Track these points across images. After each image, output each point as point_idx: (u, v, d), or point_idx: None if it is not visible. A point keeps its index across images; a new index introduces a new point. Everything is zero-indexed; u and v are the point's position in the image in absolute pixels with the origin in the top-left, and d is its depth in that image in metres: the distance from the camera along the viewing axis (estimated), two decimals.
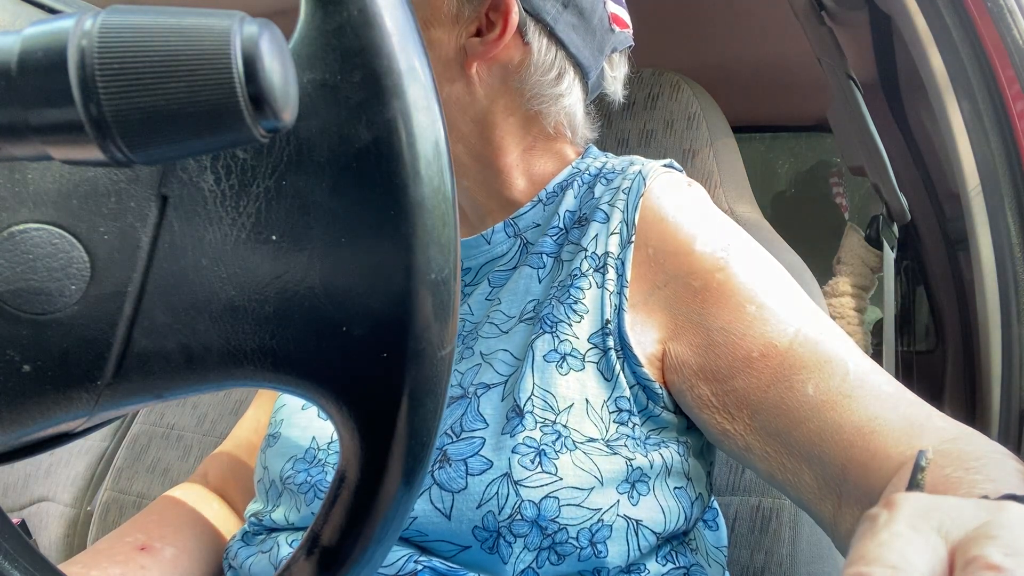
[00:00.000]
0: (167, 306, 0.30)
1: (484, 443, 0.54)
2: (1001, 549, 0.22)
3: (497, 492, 0.52)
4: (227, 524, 0.72)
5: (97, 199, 0.29)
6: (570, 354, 0.57)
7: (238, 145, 0.22)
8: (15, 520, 1.24)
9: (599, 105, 0.74)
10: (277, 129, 0.22)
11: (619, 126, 0.97)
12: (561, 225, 0.64)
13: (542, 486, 0.52)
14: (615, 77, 0.71)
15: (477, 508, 0.52)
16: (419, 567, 0.52)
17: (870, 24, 1.15)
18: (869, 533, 0.24)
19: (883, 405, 0.51)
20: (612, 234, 0.60)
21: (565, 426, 0.54)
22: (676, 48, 1.46)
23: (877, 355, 1.35)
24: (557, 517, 0.52)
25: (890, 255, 1.32)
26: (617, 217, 0.61)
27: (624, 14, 0.70)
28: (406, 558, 0.53)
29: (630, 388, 0.57)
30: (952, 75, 0.78)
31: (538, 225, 0.66)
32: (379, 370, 0.30)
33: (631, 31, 0.71)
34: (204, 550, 0.68)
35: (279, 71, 0.21)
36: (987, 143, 0.76)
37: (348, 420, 0.31)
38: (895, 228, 1.32)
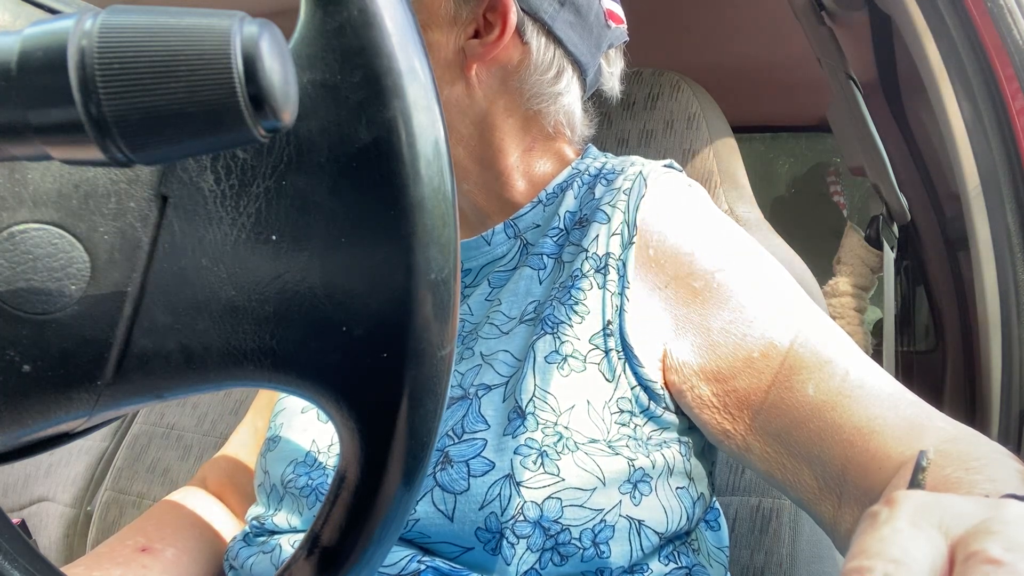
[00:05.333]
0: (167, 306, 0.30)
1: (486, 444, 0.54)
2: (1001, 544, 0.22)
3: (499, 493, 0.52)
4: (227, 526, 0.72)
5: (97, 199, 0.29)
6: (571, 355, 0.57)
7: (238, 145, 0.22)
8: (15, 520, 1.24)
9: (599, 104, 0.74)
10: (277, 129, 0.22)
11: (619, 126, 0.97)
12: (561, 226, 0.64)
13: (544, 487, 0.52)
14: (612, 73, 0.71)
15: (479, 509, 0.52)
16: (422, 567, 0.52)
17: (870, 24, 1.15)
18: (870, 529, 0.24)
19: (883, 405, 0.51)
20: (613, 235, 0.60)
21: (567, 427, 0.54)
22: (676, 48, 1.46)
23: (877, 355, 1.35)
24: (560, 518, 0.52)
25: (890, 255, 1.32)
26: (618, 218, 0.61)
27: (618, 9, 0.70)
28: (409, 558, 0.53)
29: (631, 389, 0.57)
30: (952, 75, 0.78)
31: (538, 226, 0.66)
32: (379, 370, 0.30)
33: (625, 26, 0.71)
34: (205, 551, 0.68)
35: (279, 71, 0.21)
36: (987, 143, 0.76)
37: (348, 420, 0.31)
38: (895, 228, 1.32)
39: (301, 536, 0.59)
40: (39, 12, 0.29)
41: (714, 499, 0.65)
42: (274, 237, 0.29)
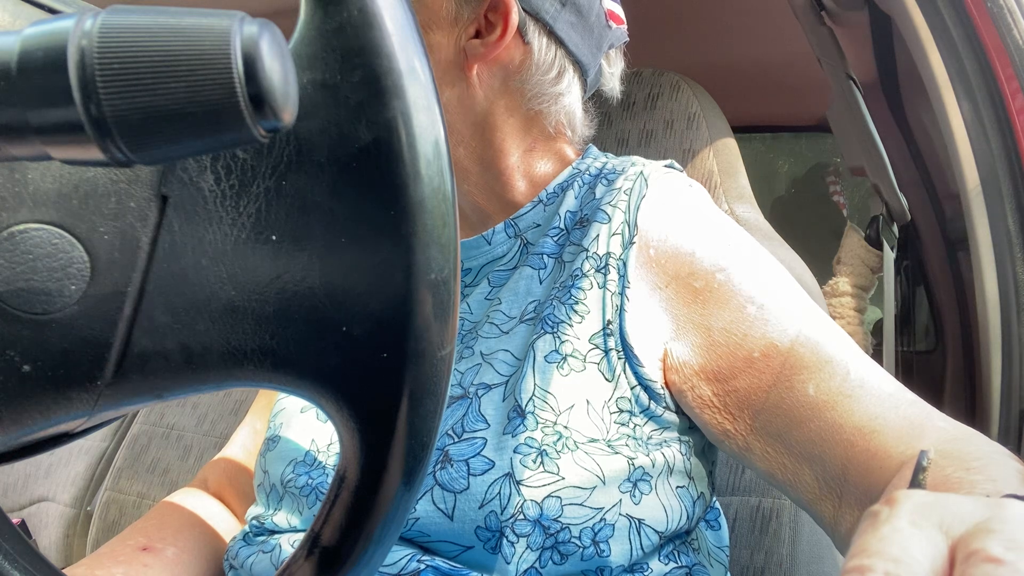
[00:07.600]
0: (167, 306, 0.30)
1: (486, 443, 0.54)
2: (1002, 543, 0.22)
3: (499, 492, 0.52)
4: (227, 526, 0.72)
5: (97, 199, 0.29)
6: (571, 355, 0.57)
7: (238, 145, 0.22)
8: (15, 520, 1.24)
9: (599, 104, 0.74)
10: (277, 129, 0.22)
11: (619, 126, 0.97)
12: (562, 226, 0.64)
13: (544, 486, 0.52)
14: (612, 73, 0.72)
15: (479, 508, 0.52)
16: (422, 566, 0.52)
17: (870, 24, 1.15)
18: (871, 528, 0.24)
19: (883, 405, 0.51)
20: (614, 235, 0.60)
21: (566, 427, 0.54)
22: (676, 48, 1.46)
23: (877, 355, 1.36)
24: (559, 516, 0.52)
25: (890, 255, 1.32)
26: (619, 218, 0.61)
27: (619, 9, 0.70)
28: (409, 557, 0.53)
29: (631, 389, 0.57)
30: (952, 75, 0.78)
31: (538, 225, 0.66)
32: (379, 370, 0.30)
33: (626, 26, 0.71)
34: (205, 549, 0.68)
35: (279, 71, 0.21)
36: (987, 143, 0.76)
37: (348, 420, 0.31)
38: (895, 228, 1.32)
39: (301, 536, 0.59)
40: (39, 12, 0.29)
41: (714, 498, 0.65)
42: (274, 237, 0.29)
